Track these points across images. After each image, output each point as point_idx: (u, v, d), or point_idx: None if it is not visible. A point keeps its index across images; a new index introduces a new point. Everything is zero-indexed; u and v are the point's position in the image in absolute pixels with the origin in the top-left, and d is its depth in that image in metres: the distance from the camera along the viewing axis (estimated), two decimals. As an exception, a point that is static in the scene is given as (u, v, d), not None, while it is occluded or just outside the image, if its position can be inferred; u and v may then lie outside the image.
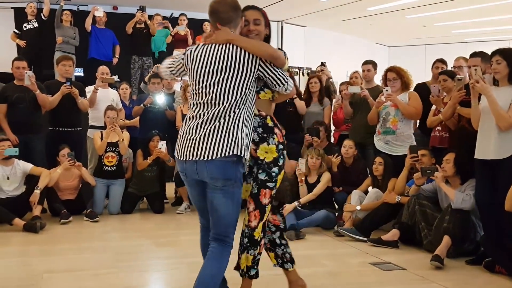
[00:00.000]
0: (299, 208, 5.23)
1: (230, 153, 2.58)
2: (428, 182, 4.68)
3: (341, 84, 7.00)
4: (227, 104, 2.63)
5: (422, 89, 5.60)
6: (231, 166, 2.60)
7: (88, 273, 2.93)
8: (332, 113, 6.59)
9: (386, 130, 5.35)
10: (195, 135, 2.62)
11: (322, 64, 7.04)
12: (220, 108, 2.63)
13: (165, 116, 6.58)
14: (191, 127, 2.65)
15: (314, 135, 5.85)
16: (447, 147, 4.81)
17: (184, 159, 2.64)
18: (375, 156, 5.36)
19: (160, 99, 6.47)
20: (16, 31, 9.09)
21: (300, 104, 6.22)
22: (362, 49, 12.92)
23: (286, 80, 2.76)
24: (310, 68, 11.52)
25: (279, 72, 2.74)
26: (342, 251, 4.51)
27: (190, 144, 2.62)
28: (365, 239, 4.74)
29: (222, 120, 2.61)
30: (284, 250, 3.10)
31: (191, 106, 2.75)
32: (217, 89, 2.64)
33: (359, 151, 5.70)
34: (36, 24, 8.87)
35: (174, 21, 9.61)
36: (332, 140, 6.59)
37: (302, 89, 6.97)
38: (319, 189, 5.32)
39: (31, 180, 5.46)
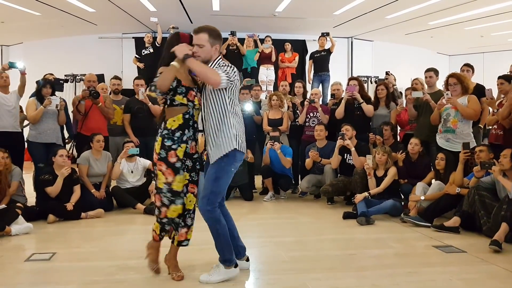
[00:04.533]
0: (369, 197, 5.14)
1: None
2: (486, 175, 4.44)
3: (406, 89, 6.76)
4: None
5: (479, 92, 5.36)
6: None
7: (195, 248, 3.05)
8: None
9: (447, 129, 5.14)
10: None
11: (387, 73, 6.87)
12: None
13: (253, 121, 6.69)
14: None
15: (377, 134, 5.81)
16: (502, 143, 4.52)
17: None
18: (438, 152, 5.16)
19: (248, 107, 6.59)
20: (137, 56, 9.69)
21: (367, 108, 6.12)
22: (424, 59, 12.30)
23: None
24: (378, 77, 11.24)
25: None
26: (408, 235, 4.36)
27: None
28: (429, 224, 4.56)
29: None
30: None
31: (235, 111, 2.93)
32: None
33: (424, 148, 5.51)
34: (151, 50, 9.41)
35: (261, 42, 9.73)
36: (398, 139, 6.41)
37: (371, 95, 6.82)
38: (386, 183, 5.22)
39: (150, 173, 5.74)
